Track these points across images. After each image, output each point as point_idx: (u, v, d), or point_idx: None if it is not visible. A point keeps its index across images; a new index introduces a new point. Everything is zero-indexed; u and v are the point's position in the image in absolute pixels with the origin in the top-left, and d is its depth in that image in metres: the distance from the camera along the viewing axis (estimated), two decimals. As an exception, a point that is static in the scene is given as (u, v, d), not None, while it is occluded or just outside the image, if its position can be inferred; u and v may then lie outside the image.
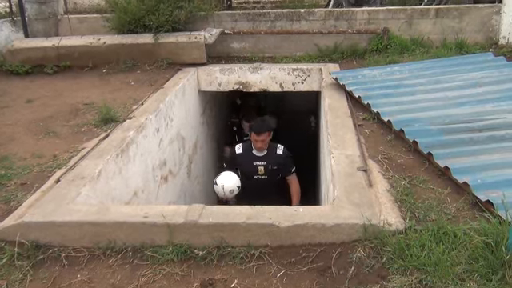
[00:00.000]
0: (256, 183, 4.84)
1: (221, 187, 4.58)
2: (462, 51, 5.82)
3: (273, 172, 4.85)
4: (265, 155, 4.83)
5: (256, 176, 4.85)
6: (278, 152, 4.88)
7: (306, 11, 6.48)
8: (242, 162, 4.87)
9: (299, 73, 5.98)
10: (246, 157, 4.86)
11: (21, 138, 4.14)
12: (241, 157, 4.88)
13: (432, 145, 3.33)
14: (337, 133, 3.80)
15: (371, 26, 6.29)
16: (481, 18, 6.16)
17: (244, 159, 4.86)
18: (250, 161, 4.83)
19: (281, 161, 4.86)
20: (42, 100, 5.12)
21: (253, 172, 4.84)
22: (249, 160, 4.84)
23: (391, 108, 4.10)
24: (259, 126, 4.76)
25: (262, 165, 4.83)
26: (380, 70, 5.18)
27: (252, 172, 4.85)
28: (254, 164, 4.84)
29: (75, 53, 6.15)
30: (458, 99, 4.20)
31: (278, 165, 4.84)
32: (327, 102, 4.57)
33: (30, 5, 6.48)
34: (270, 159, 4.84)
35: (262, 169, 4.82)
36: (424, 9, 6.32)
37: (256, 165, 4.84)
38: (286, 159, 4.92)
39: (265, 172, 4.84)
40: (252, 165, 4.85)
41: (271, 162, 4.83)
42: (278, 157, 4.86)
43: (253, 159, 4.85)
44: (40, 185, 3.23)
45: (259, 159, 4.85)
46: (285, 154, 4.91)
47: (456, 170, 2.98)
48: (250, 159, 4.84)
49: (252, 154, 4.85)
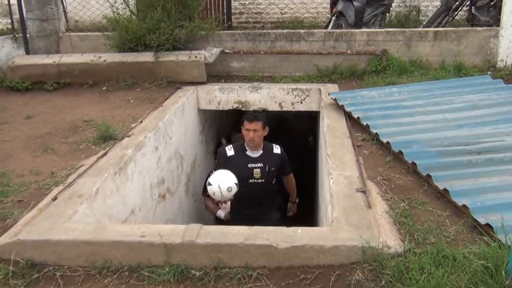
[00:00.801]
0: (251, 188, 4.41)
1: (216, 186, 4.05)
2: (460, 73, 5.85)
3: (270, 174, 4.48)
4: (261, 156, 4.42)
5: (251, 180, 4.41)
6: (275, 151, 4.50)
7: (306, 32, 6.54)
8: (234, 166, 4.30)
9: (298, 93, 6.01)
10: (239, 159, 4.39)
11: (19, 155, 4.12)
12: (233, 159, 4.40)
13: (431, 167, 3.32)
14: (336, 153, 3.79)
15: (370, 48, 6.34)
16: (479, 41, 6.22)
17: (237, 162, 4.37)
18: (244, 163, 4.36)
19: (279, 161, 4.51)
20: (42, 116, 5.12)
21: (247, 176, 4.38)
22: (242, 162, 4.36)
23: (390, 129, 4.11)
24: (253, 113, 4.40)
25: (258, 167, 4.40)
26: (379, 91, 5.20)
27: (247, 176, 4.37)
28: (249, 166, 4.39)
29: (76, 70, 6.17)
30: (457, 121, 4.21)
31: (276, 166, 4.48)
32: (326, 123, 4.58)
33: (31, 22, 6.53)
34: (266, 160, 4.42)
35: (258, 171, 4.40)
36: (423, 31, 6.38)
37: (251, 167, 4.40)
38: (285, 159, 4.60)
39: (261, 175, 4.41)
40: (246, 167, 4.38)
41: (268, 163, 4.44)
42: (276, 157, 4.49)
43: (247, 161, 4.39)
44: (37, 202, 3.21)
45: (254, 161, 4.40)
46: (283, 154, 4.56)
47: (455, 192, 2.97)
48: (243, 161, 4.37)
49: (246, 156, 4.40)
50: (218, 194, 4.10)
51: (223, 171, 4.17)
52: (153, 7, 6.22)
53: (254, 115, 4.35)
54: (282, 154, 4.56)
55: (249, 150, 4.41)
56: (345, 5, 6.97)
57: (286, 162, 4.64)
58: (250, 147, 4.40)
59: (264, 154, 4.44)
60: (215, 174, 4.19)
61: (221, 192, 4.06)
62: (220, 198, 4.22)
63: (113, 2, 6.35)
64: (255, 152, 4.42)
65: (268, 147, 4.50)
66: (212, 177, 4.18)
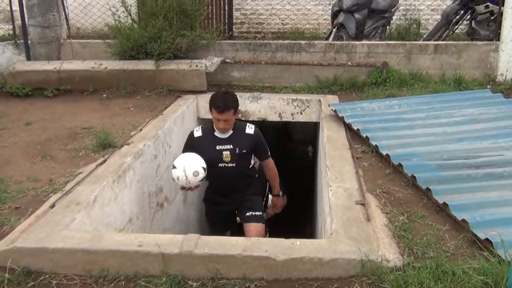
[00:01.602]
0: (221, 173, 4.02)
1: (181, 170, 3.71)
2: (460, 87, 5.87)
3: (242, 158, 4.02)
4: (230, 137, 3.99)
5: (221, 164, 3.99)
6: (247, 131, 4.03)
7: (307, 43, 6.56)
8: (202, 148, 3.94)
9: (298, 103, 6.02)
10: (207, 140, 4.00)
11: (17, 161, 4.11)
12: (200, 141, 4.01)
13: (430, 180, 3.32)
14: (335, 165, 3.79)
15: (370, 60, 6.36)
16: (479, 55, 6.25)
17: (204, 144, 3.98)
18: (213, 145, 3.96)
19: (252, 143, 4.04)
20: (41, 123, 5.12)
21: (217, 159, 3.97)
22: (210, 144, 3.96)
23: (390, 141, 4.11)
24: (223, 100, 3.84)
25: (227, 149, 3.98)
26: (379, 103, 5.21)
27: (216, 159, 3.97)
28: (218, 149, 3.97)
29: (76, 77, 6.18)
30: (456, 135, 4.21)
31: (248, 148, 4.02)
32: (326, 134, 4.58)
33: (33, 28, 6.54)
34: (237, 141, 3.99)
35: (227, 154, 3.97)
36: (423, 44, 6.41)
37: (220, 150, 3.98)
38: (260, 141, 4.09)
39: (231, 158, 3.98)
40: (215, 150, 3.97)
41: (239, 145, 3.98)
42: (248, 138, 4.02)
43: (215, 143, 3.98)
44: (34, 209, 3.19)
45: (223, 142, 3.98)
46: (257, 134, 4.05)
47: (454, 206, 2.96)
48: (211, 143, 3.96)
49: (214, 137, 3.99)
50: (183, 179, 3.76)
51: (190, 154, 3.87)
52: (154, 16, 6.24)
53: (224, 102, 3.83)
54: (256, 134, 4.07)
55: (218, 130, 3.99)
56: (346, 17, 7.00)
57: (261, 144, 4.14)
58: (218, 130, 4.00)
59: (234, 135, 4.00)
60: (181, 157, 3.88)
61: (186, 177, 3.74)
62: (185, 184, 3.83)
63: (115, 10, 6.37)
64: (224, 133, 3.99)
65: (239, 127, 4.05)
66: (177, 159, 3.85)
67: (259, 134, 4.11)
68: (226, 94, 3.95)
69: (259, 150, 4.15)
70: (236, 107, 3.94)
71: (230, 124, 3.94)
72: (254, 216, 4.18)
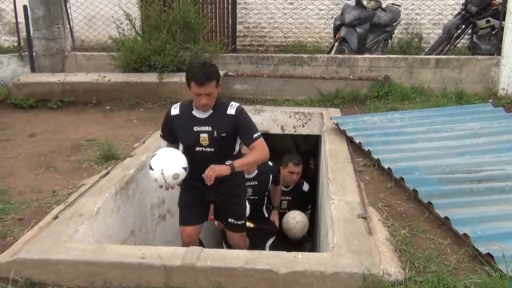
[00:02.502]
0: (198, 158, 3.49)
1: (159, 172, 3.31)
2: (461, 101, 5.90)
3: (222, 142, 3.49)
4: (209, 117, 3.47)
5: (198, 148, 3.49)
6: (229, 112, 3.47)
7: (309, 57, 6.61)
8: (178, 128, 3.52)
9: (300, 116, 6.04)
10: (184, 120, 3.51)
11: (21, 172, 4.13)
12: (177, 120, 3.54)
13: (432, 194, 3.33)
14: (337, 178, 3.80)
15: (372, 73, 6.40)
16: (480, 70, 6.28)
17: (181, 123, 3.52)
18: (189, 125, 3.47)
19: (233, 125, 3.47)
20: (45, 134, 5.15)
21: (194, 142, 3.49)
22: (187, 124, 3.48)
23: (391, 155, 4.12)
24: (203, 72, 3.31)
25: (204, 131, 3.45)
26: (381, 117, 5.24)
27: (192, 142, 3.49)
28: (195, 130, 3.47)
29: (80, 89, 6.22)
30: (458, 149, 4.22)
31: (228, 131, 3.47)
32: (328, 147, 4.59)
33: (38, 41, 6.61)
34: (216, 123, 3.45)
35: (205, 137, 3.45)
36: (424, 58, 6.45)
37: (197, 131, 3.46)
38: (242, 121, 3.50)
39: (209, 142, 3.46)
40: (192, 131, 3.47)
41: (218, 128, 3.45)
42: (228, 119, 3.46)
43: (193, 123, 3.48)
44: (38, 221, 3.21)
45: (201, 123, 3.47)
46: (238, 114, 3.48)
47: (456, 220, 2.97)
48: (188, 123, 3.48)
49: (191, 116, 3.49)
50: (161, 181, 3.37)
51: (169, 151, 3.45)
52: (158, 29, 6.30)
53: (205, 73, 3.31)
54: (238, 115, 3.49)
55: (196, 109, 3.49)
56: (348, 31, 7.05)
57: (245, 124, 3.53)
58: (198, 107, 3.47)
59: (214, 115, 3.48)
60: (159, 155, 3.42)
61: (164, 180, 3.34)
62: (164, 185, 3.42)
63: (119, 23, 6.44)
64: (203, 112, 3.48)
65: (221, 106, 3.51)
66: (154, 158, 3.41)
67: (242, 113, 3.52)
68: (205, 65, 3.43)
69: (242, 133, 3.52)
70: (218, 78, 3.39)
71: (213, 99, 3.39)
72: (237, 226, 3.93)
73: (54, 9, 6.62)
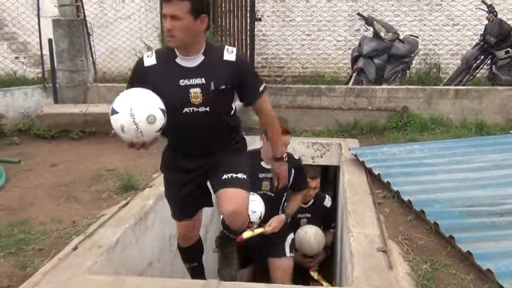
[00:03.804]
0: (187, 121, 2.73)
1: (126, 115, 2.43)
2: (482, 132, 5.84)
3: (220, 98, 2.72)
4: (201, 64, 2.68)
5: (188, 108, 2.69)
6: (226, 58, 2.71)
7: (327, 87, 6.65)
8: (156, 82, 2.64)
9: (318, 147, 6.04)
10: (165, 70, 2.69)
11: (42, 202, 4.19)
12: (153, 73, 2.70)
13: (453, 228, 3.27)
14: (356, 210, 3.77)
15: (391, 104, 6.40)
16: (500, 100, 6.24)
17: (161, 75, 2.68)
18: (173, 77, 2.66)
19: (233, 74, 2.72)
20: (66, 165, 5.23)
21: (181, 100, 2.67)
22: (170, 76, 2.67)
23: (411, 187, 4.08)
24: None
25: (195, 84, 2.66)
26: (400, 148, 5.21)
27: (179, 101, 2.67)
28: (181, 84, 2.65)
29: (101, 119, 6.32)
30: (479, 181, 4.16)
31: (228, 83, 2.71)
32: (346, 178, 4.57)
33: (62, 73, 6.80)
34: (212, 72, 2.68)
35: (196, 92, 2.66)
36: (443, 89, 6.44)
37: (185, 85, 2.66)
38: (246, 70, 2.82)
39: (203, 98, 2.67)
40: (177, 85, 2.66)
41: (215, 78, 2.67)
42: (227, 67, 2.70)
43: (178, 74, 2.67)
44: (57, 251, 3.23)
45: (189, 73, 2.66)
46: (241, 61, 2.77)
47: (479, 255, 2.90)
48: (171, 74, 2.67)
49: (175, 65, 2.68)
50: (131, 129, 2.44)
51: (138, 89, 2.56)
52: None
53: None
54: (239, 61, 2.76)
55: (180, 54, 2.66)
56: (366, 62, 7.10)
57: (249, 76, 2.84)
58: (178, 50, 2.66)
59: (206, 62, 2.69)
60: (124, 94, 2.55)
61: (135, 125, 2.42)
62: (135, 137, 2.48)
63: (140, 55, 6.57)
64: (191, 58, 2.67)
65: (214, 50, 2.74)
66: (118, 99, 2.53)
67: (244, 60, 2.96)
68: None
69: (245, 87, 2.80)
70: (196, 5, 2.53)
71: (182, 30, 2.53)
72: (233, 179, 2.85)
73: (77, 42, 6.81)
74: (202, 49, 2.70)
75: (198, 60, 2.70)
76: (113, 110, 2.50)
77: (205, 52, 2.71)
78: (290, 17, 9.17)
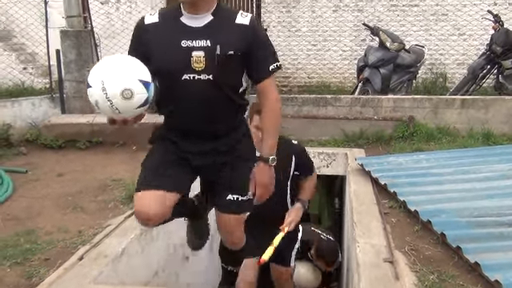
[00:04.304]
0: (187, 92, 2.36)
1: (98, 86, 2.09)
2: (488, 142, 5.81)
3: (225, 64, 2.33)
4: (208, 25, 2.34)
5: (187, 75, 2.32)
6: (239, 21, 2.38)
7: (333, 97, 6.66)
8: (156, 42, 2.35)
9: (325, 156, 6.03)
10: (167, 29, 2.36)
11: (48, 212, 4.21)
12: (155, 29, 2.38)
13: (461, 238, 3.24)
14: (362, 221, 3.75)
15: (397, 114, 6.39)
16: (507, 110, 6.21)
17: (161, 35, 2.36)
18: (175, 38, 2.32)
19: (246, 40, 2.36)
20: (73, 174, 5.25)
21: (179, 63, 2.32)
22: (172, 36, 2.34)
23: (418, 197, 4.06)
24: None
25: (199, 47, 2.30)
26: (406, 158, 5.19)
27: (177, 63, 2.32)
28: (183, 45, 2.31)
29: (107, 130, 6.35)
30: (486, 191, 4.13)
31: (238, 50, 2.35)
32: (353, 188, 4.56)
33: (69, 83, 6.85)
34: (219, 34, 2.33)
35: (199, 56, 2.30)
36: (449, 99, 6.43)
37: (187, 47, 2.31)
38: (260, 37, 2.44)
39: (206, 64, 2.31)
40: (178, 47, 2.31)
41: (222, 41, 2.32)
42: (239, 31, 2.36)
43: (181, 35, 2.33)
44: (63, 261, 3.23)
45: (194, 34, 2.32)
46: (254, 25, 2.41)
47: (486, 266, 2.88)
48: (173, 34, 2.34)
49: (180, 24, 2.35)
50: (105, 106, 2.11)
51: (115, 58, 2.27)
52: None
53: None
54: (253, 26, 2.40)
55: (186, 12, 2.34)
56: (371, 72, 7.11)
57: (265, 46, 2.46)
58: (185, 7, 2.34)
59: (216, 23, 2.35)
60: (99, 64, 2.24)
61: (109, 100, 2.08)
62: (111, 113, 2.17)
63: (147, 66, 6.62)
64: (198, 16, 2.34)
65: (226, 12, 2.42)
66: (92, 69, 2.19)
67: (261, 28, 2.57)
68: None
69: (255, 58, 2.41)
70: None
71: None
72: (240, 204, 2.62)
73: (85, 53, 6.87)
74: (212, 8, 2.38)
75: (205, 20, 2.36)
76: (87, 84, 2.15)
77: (215, 12, 2.39)
78: (295, 27, 9.21)
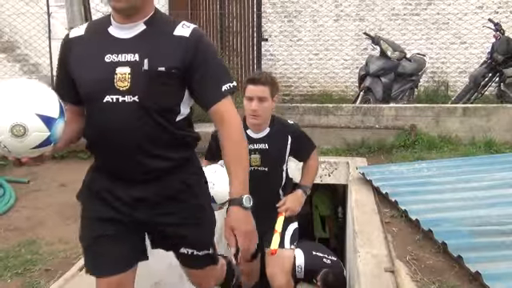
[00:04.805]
0: (109, 117, 1.95)
1: None
2: (491, 150, 5.80)
3: (155, 83, 1.93)
4: (139, 35, 1.97)
5: (110, 96, 1.92)
6: (178, 32, 1.97)
7: (334, 106, 6.67)
8: (78, 59, 2.01)
9: (326, 165, 6.02)
10: (92, 42, 2.01)
11: (50, 222, 4.22)
12: (79, 44, 2.03)
13: (462, 247, 3.23)
14: (363, 230, 3.74)
15: (398, 123, 6.39)
16: (509, 118, 6.20)
17: (85, 49, 2.01)
18: (99, 51, 1.96)
19: (187, 53, 1.95)
20: (75, 185, 5.18)
21: (102, 82, 1.94)
22: (96, 50, 1.98)
23: (419, 206, 4.05)
24: None
25: (125, 62, 1.93)
26: (408, 167, 5.18)
27: (100, 82, 1.95)
28: (107, 60, 1.94)
29: (110, 139, 6.38)
30: (488, 200, 4.11)
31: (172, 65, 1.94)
32: (354, 197, 4.55)
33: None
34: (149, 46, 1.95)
35: (124, 73, 1.91)
36: (451, 107, 6.42)
37: (112, 62, 1.93)
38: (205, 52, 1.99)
39: (131, 82, 1.91)
40: (102, 62, 1.94)
41: (152, 55, 1.93)
42: (177, 43, 1.96)
43: (106, 47, 1.96)
44: (64, 272, 3.24)
45: (121, 46, 1.95)
46: (197, 38, 1.98)
47: (488, 275, 2.86)
48: (98, 47, 1.98)
49: (107, 35, 1.99)
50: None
51: (9, 84, 1.78)
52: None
53: None
54: (196, 38, 1.97)
55: (115, 21, 1.98)
56: (373, 81, 7.12)
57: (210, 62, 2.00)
58: (115, 14, 1.98)
59: (149, 33, 1.97)
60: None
61: None
62: (3, 152, 1.75)
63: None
64: (128, 26, 1.97)
65: (165, 21, 2.03)
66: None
67: (206, 40, 2.03)
68: None
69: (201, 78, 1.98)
70: None
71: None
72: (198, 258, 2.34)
73: (87, 63, 6.90)
74: (147, 16, 1.97)
75: (136, 30, 1.96)
76: None
77: (149, 20, 1.97)
78: (297, 36, 9.26)
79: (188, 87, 2.04)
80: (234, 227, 1.95)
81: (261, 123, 3.25)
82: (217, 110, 2.02)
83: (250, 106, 3.15)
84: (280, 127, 3.41)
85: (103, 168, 2.12)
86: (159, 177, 2.07)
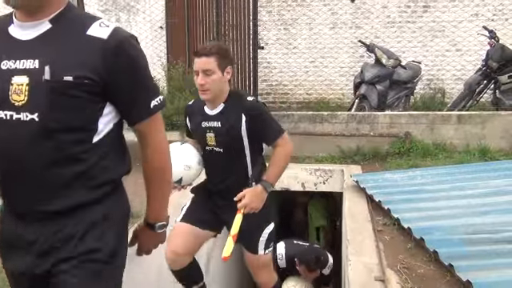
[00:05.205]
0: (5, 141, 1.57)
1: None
2: (485, 157, 5.79)
3: (59, 97, 1.55)
4: (42, 36, 1.60)
5: (3, 112, 1.56)
6: (92, 32, 1.59)
7: (329, 114, 6.67)
8: None
9: (321, 173, 6.02)
10: None
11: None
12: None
13: (453, 256, 3.21)
14: (355, 238, 3.73)
15: (393, 130, 6.38)
16: (504, 125, 6.19)
17: None
18: None
19: (103, 60, 1.58)
20: None
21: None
22: None
23: (412, 214, 4.03)
24: None
25: (22, 70, 1.57)
26: (402, 174, 5.17)
27: None
28: (3, 68, 1.59)
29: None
30: (482, 207, 4.10)
31: (82, 73, 1.56)
32: (347, 205, 4.54)
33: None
34: (53, 50, 1.58)
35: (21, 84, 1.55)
36: (446, 114, 6.42)
37: (8, 70, 1.58)
38: (127, 59, 1.66)
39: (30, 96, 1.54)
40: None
41: (56, 61, 1.55)
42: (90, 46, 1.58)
43: (3, 52, 1.62)
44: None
45: (19, 51, 1.60)
46: (118, 42, 1.63)
47: (479, 284, 2.84)
48: None
49: (7, 36, 1.64)
50: None
51: None
52: (182, 89, 6.50)
53: None
54: (116, 42, 1.61)
55: (18, 18, 1.63)
56: (368, 88, 7.12)
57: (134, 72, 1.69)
58: (18, 9, 1.61)
59: (54, 33, 1.60)
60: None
61: None
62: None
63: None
64: (31, 24, 1.60)
65: (79, 19, 1.65)
66: None
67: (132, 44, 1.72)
68: None
69: (123, 91, 1.68)
70: None
71: None
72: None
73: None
74: (54, 12, 1.59)
75: (40, 29, 1.59)
76: None
77: (56, 18, 1.59)
78: (292, 44, 9.27)
79: (109, 100, 1.67)
80: (141, 241, 2.13)
81: (211, 98, 2.96)
82: (141, 130, 1.80)
83: (197, 80, 2.91)
84: (234, 104, 3.01)
85: (6, 204, 1.72)
86: (60, 214, 1.66)
